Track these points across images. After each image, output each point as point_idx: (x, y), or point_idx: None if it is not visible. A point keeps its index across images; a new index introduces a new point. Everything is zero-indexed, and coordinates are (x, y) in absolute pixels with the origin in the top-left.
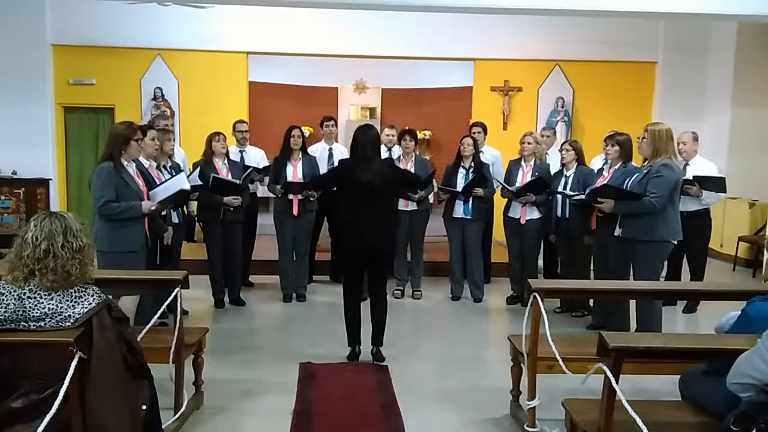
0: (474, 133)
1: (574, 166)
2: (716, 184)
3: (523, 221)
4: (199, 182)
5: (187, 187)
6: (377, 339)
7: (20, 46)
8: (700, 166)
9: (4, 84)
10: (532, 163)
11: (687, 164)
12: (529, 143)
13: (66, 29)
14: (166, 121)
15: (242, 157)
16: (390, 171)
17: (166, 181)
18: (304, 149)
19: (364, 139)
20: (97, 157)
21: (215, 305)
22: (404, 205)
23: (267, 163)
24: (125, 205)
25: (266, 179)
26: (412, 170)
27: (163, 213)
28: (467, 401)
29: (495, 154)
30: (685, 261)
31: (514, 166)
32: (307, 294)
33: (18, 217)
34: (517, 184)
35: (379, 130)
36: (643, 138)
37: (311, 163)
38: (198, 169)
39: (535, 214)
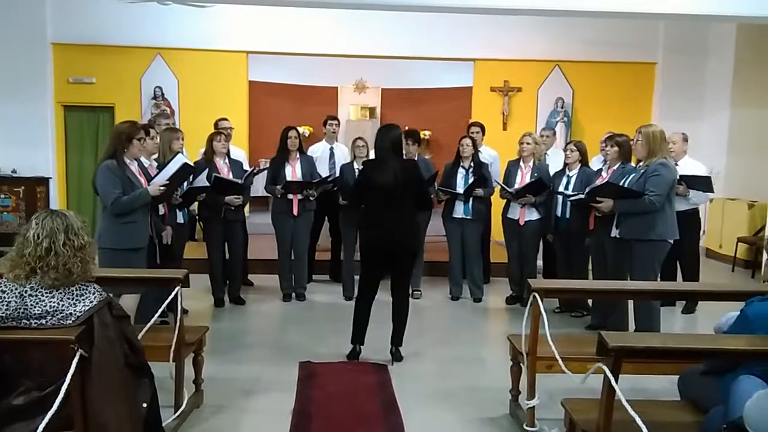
0: (472, 133)
1: (577, 167)
2: (702, 183)
3: (522, 222)
4: (207, 183)
5: (189, 161)
6: (397, 339)
7: (20, 45)
8: (688, 167)
9: (4, 82)
10: (531, 163)
11: (676, 164)
12: (528, 144)
13: (66, 28)
14: (167, 120)
15: None
16: (409, 172)
17: (162, 169)
18: (301, 149)
19: (382, 140)
20: (96, 156)
21: (215, 304)
22: None
23: (246, 164)
24: (132, 195)
25: (253, 180)
26: None
27: (161, 212)
28: (467, 401)
29: (493, 155)
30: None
31: (512, 167)
32: (306, 293)
33: (18, 216)
34: (516, 185)
35: (399, 130)
36: (638, 140)
37: (309, 163)
38: (206, 170)
39: (534, 215)
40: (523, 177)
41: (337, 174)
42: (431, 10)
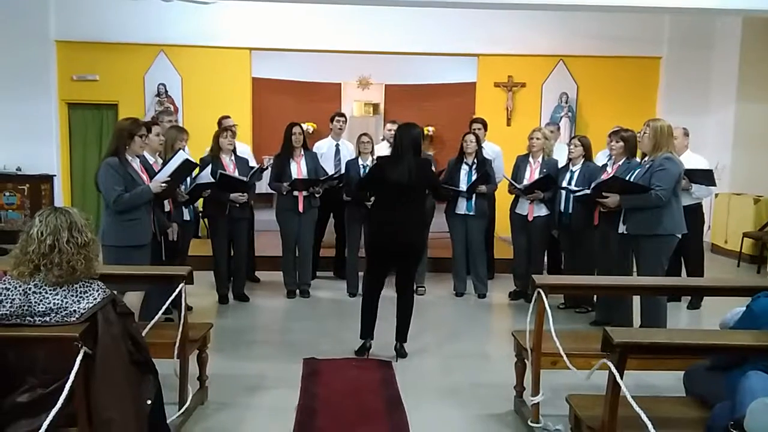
0: (474, 129)
1: (581, 162)
2: (704, 176)
3: (530, 218)
4: (212, 179)
5: (190, 157)
6: (402, 336)
7: (24, 43)
8: (690, 161)
9: (9, 80)
10: (540, 159)
11: None
12: (537, 139)
13: (70, 25)
14: (171, 117)
15: None
16: (421, 171)
17: (164, 165)
18: (305, 146)
19: (402, 138)
20: (100, 153)
21: (219, 301)
22: None
23: (252, 160)
24: (134, 192)
25: (261, 176)
26: None
27: (167, 209)
28: (471, 397)
29: (496, 150)
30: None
31: (522, 162)
32: (310, 290)
33: (22, 213)
34: (525, 181)
35: (420, 129)
36: (644, 133)
37: (313, 158)
38: (210, 166)
39: (543, 211)
40: (533, 172)
41: (343, 171)
42: (435, 5)
